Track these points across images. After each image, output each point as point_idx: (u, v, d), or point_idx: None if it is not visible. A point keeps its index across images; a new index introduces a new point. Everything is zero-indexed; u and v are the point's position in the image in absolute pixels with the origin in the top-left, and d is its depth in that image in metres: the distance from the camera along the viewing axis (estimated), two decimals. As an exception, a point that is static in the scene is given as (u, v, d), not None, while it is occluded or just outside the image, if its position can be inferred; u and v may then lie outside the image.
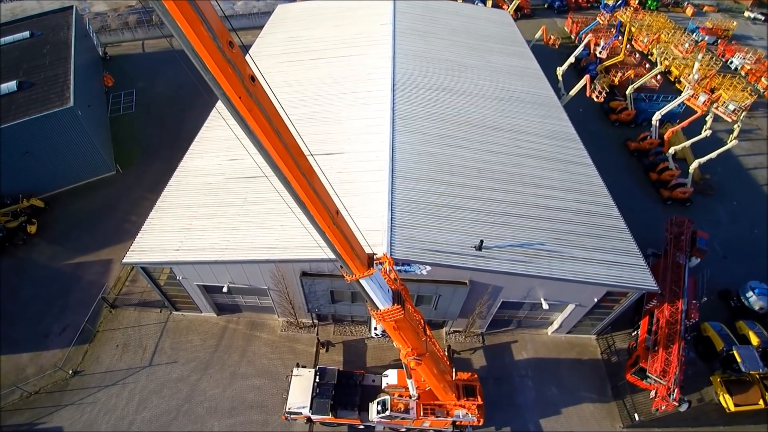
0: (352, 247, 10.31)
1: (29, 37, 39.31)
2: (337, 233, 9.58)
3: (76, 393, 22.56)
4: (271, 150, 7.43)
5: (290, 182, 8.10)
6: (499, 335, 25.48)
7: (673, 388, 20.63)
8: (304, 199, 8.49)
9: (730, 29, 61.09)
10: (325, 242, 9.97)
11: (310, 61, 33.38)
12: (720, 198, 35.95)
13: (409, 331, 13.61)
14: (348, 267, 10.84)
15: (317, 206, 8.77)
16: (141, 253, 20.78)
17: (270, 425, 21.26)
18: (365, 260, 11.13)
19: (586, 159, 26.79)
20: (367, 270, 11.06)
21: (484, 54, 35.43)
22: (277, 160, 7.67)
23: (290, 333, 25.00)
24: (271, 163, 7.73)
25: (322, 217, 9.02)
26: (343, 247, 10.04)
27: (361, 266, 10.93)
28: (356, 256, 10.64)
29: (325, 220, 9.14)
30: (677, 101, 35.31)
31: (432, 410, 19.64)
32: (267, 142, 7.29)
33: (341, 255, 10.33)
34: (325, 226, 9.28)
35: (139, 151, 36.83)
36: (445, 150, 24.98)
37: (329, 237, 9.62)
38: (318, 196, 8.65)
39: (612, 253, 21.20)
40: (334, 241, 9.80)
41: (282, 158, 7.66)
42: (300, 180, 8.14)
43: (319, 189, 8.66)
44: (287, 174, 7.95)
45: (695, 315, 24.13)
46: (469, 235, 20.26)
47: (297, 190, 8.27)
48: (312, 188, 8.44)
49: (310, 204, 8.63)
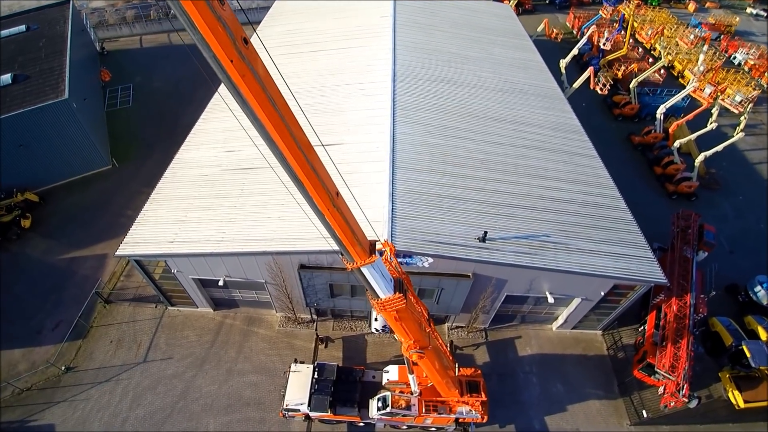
0: (353, 232, 9.77)
1: (25, 31, 39.02)
2: (338, 216, 9.05)
3: (69, 390, 21.99)
4: (265, 120, 6.88)
5: (286, 157, 7.55)
6: (503, 331, 24.89)
7: (682, 384, 20.05)
8: (302, 176, 7.95)
9: (732, 25, 60.61)
10: (325, 227, 9.46)
11: (309, 53, 32.83)
12: (725, 193, 35.36)
13: (411, 322, 13.04)
14: (349, 254, 10.31)
15: (315, 185, 8.24)
16: (134, 245, 20.21)
17: (267, 423, 20.68)
18: (367, 247, 10.59)
19: (591, 151, 26.24)
20: (369, 257, 10.51)
21: (486, 46, 34.89)
22: (271, 132, 7.11)
23: (288, 328, 24.42)
24: (265, 135, 7.18)
25: (321, 198, 8.49)
26: (344, 232, 9.51)
27: (363, 253, 10.38)
28: (357, 242, 10.08)
29: (324, 202, 8.60)
30: (682, 94, 34.75)
31: (434, 407, 19.05)
32: (261, 111, 6.73)
33: (342, 241, 9.80)
34: (325, 208, 8.74)
35: (136, 146, 36.33)
36: (448, 141, 24.41)
37: (329, 220, 9.09)
38: (316, 174, 8.12)
39: (619, 245, 20.63)
40: (334, 225, 9.26)
41: (277, 130, 7.10)
42: (297, 155, 7.58)
43: (317, 166, 8.13)
44: (283, 147, 7.39)
45: (704, 309, 23.53)
46: (473, 226, 19.69)
47: (294, 166, 7.73)
48: (309, 164, 7.90)
49: (308, 182, 8.10)
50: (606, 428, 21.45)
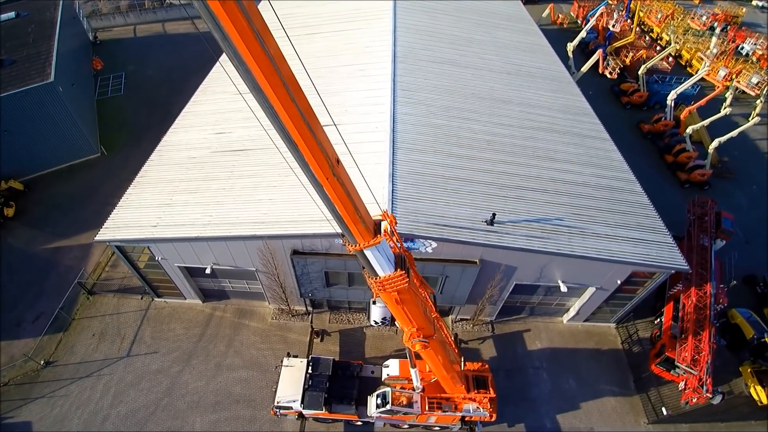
0: (355, 208, 8.52)
1: (15, 18, 38.02)
2: (338, 187, 7.83)
3: (48, 385, 20.61)
4: (246, 56, 5.51)
5: (276, 109, 6.28)
6: (510, 324, 23.44)
7: (705, 378, 18.60)
8: (294, 134, 6.71)
9: (739, 16, 59.49)
10: (324, 202, 8.24)
11: (306, 36, 31.41)
12: (738, 182, 34.02)
13: (414, 306, 11.62)
14: (351, 234, 9.04)
15: (312, 147, 6.99)
16: (116, 230, 18.82)
17: (257, 422, 19.23)
18: (371, 226, 9.32)
19: (603, 133, 24.84)
20: (374, 238, 9.22)
21: (491, 30, 33.48)
22: (256, 74, 5.77)
23: (282, 321, 22.98)
24: (250, 80, 5.84)
25: (319, 163, 7.26)
26: (346, 206, 8.28)
27: (367, 233, 9.10)
28: (361, 219, 8.80)
29: (323, 169, 7.38)
30: (696, 78, 33.35)
31: (438, 404, 17.57)
32: (242, 46, 5.39)
33: (343, 218, 8.56)
34: (323, 177, 7.53)
35: (126, 134, 35.08)
36: (452, 122, 23.00)
37: (329, 193, 7.89)
38: (313, 134, 6.86)
39: (637, 230, 19.19)
40: (334, 199, 8.04)
41: (264, 71, 5.75)
42: (287, 104, 6.31)
43: (313, 124, 6.88)
44: (270, 94, 6.06)
45: (724, 300, 22.12)
46: (480, 209, 18.27)
47: (285, 120, 6.46)
48: (305, 120, 6.67)
49: (302, 142, 6.84)
50: (622, 427, 20.00)
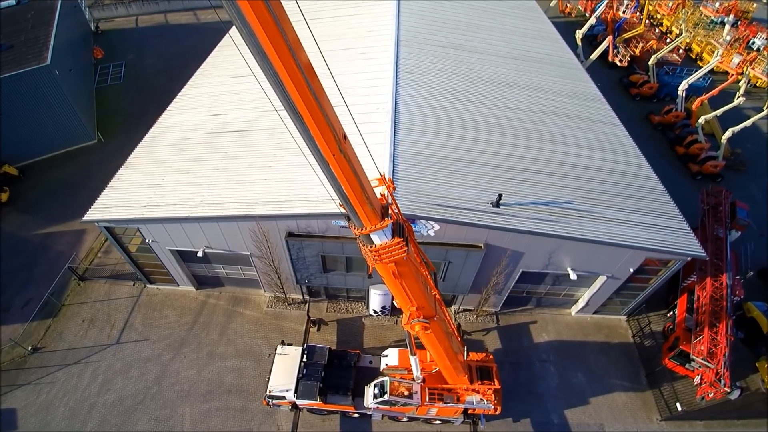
0: (362, 187, 7.99)
1: (15, 5, 37.83)
2: (345, 165, 7.39)
3: (34, 372, 19.87)
4: (250, 16, 5.09)
5: (282, 78, 5.81)
6: (516, 315, 22.47)
7: (722, 372, 17.55)
8: (300, 104, 6.22)
9: (750, 11, 58.39)
10: (330, 181, 7.79)
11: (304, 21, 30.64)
12: (751, 174, 32.89)
13: (413, 281, 10.74)
14: (357, 216, 8.52)
15: (318, 121, 6.51)
16: (104, 210, 18.05)
17: (249, 412, 18.36)
18: (378, 208, 8.76)
19: (614, 119, 23.88)
20: (381, 221, 8.72)
21: (497, 16, 32.61)
22: (264, 42, 5.36)
23: (277, 309, 22.13)
24: (254, 43, 5.37)
25: (325, 139, 6.84)
26: (352, 186, 7.79)
27: (374, 215, 8.59)
28: (367, 200, 8.26)
29: (330, 145, 6.97)
30: (708, 67, 32.24)
31: (440, 395, 16.58)
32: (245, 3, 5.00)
33: (349, 198, 8.05)
34: (330, 154, 7.10)
35: (124, 121, 34.54)
36: (457, 104, 22.11)
37: (335, 171, 7.44)
38: (318, 104, 6.34)
39: (650, 215, 18.20)
40: (341, 178, 7.59)
41: (268, 33, 5.29)
42: (295, 76, 5.86)
43: (319, 93, 6.36)
44: (276, 62, 5.60)
45: (740, 292, 21.06)
46: (485, 191, 17.37)
47: (289, 87, 5.96)
48: (311, 91, 6.19)
49: (307, 114, 6.36)
50: (634, 424, 18.96)
